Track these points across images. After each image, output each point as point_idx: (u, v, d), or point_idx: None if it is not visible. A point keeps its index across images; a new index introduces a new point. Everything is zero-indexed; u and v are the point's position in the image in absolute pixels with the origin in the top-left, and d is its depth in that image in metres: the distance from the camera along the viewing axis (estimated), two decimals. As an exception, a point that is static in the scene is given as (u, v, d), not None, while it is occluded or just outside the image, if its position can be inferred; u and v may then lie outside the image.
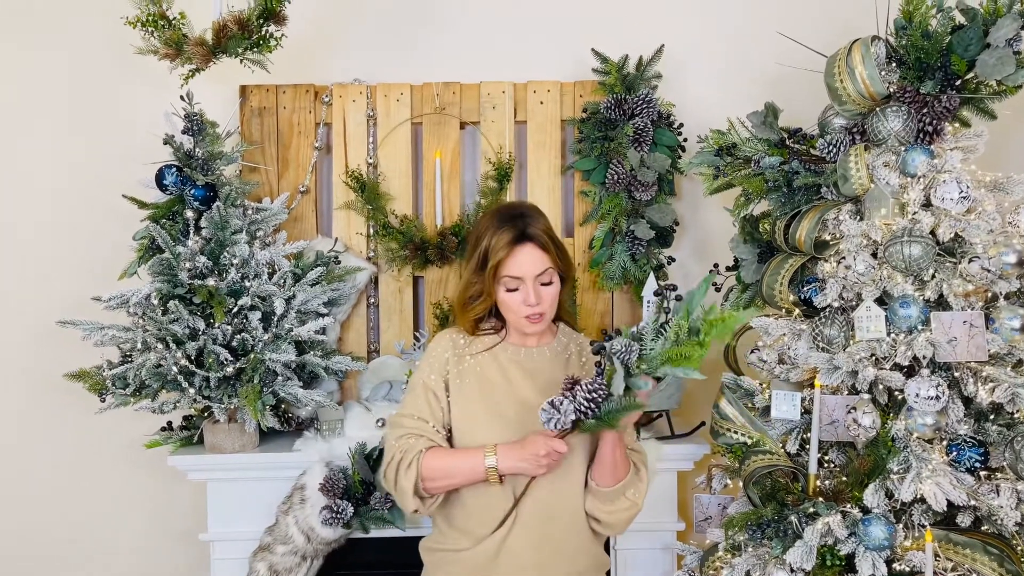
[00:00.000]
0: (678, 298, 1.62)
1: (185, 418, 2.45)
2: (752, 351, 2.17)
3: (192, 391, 2.21)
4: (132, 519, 2.76)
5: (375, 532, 2.31)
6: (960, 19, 1.99)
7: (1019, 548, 1.86)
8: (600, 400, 1.60)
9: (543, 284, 1.79)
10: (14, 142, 2.68)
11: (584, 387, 1.61)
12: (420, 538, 1.98)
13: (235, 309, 2.22)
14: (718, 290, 2.43)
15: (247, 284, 2.24)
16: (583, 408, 1.60)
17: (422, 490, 1.77)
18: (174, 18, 2.23)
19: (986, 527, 1.89)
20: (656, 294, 1.61)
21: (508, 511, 1.79)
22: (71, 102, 2.68)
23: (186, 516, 2.73)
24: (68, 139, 2.68)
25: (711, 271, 2.44)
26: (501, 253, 1.75)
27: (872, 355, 1.95)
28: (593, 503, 1.82)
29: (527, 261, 1.76)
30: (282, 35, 2.28)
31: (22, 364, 2.69)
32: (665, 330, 1.59)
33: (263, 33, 2.26)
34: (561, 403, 1.62)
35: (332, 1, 2.67)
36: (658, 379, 1.62)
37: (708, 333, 1.56)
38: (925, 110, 1.98)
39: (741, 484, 2.06)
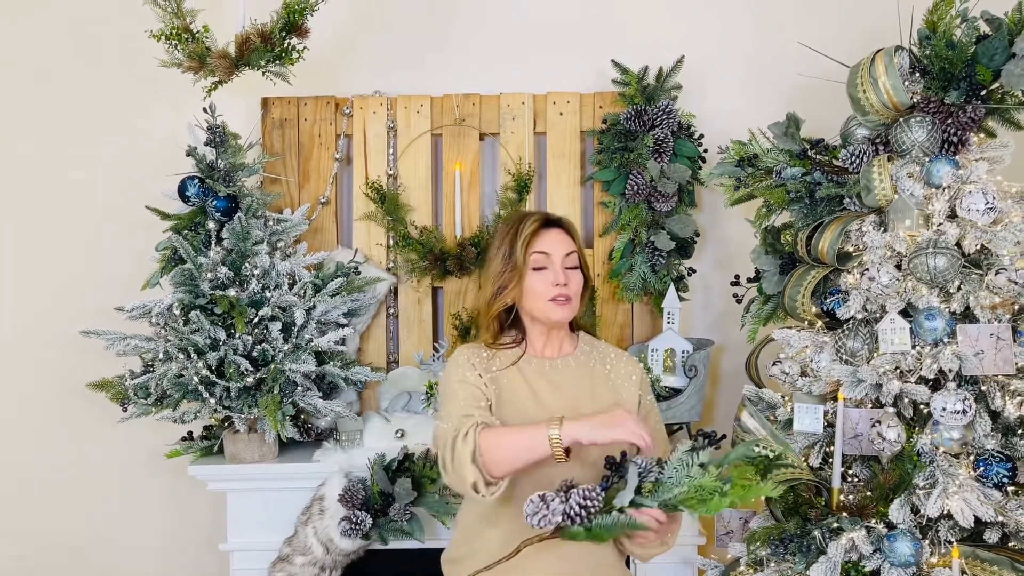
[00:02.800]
0: (715, 445, 1.57)
1: (205, 428, 2.46)
2: (774, 363, 2.15)
3: (213, 401, 2.22)
4: (152, 528, 2.77)
5: (394, 544, 2.30)
6: (985, 29, 1.97)
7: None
8: (593, 510, 1.50)
9: (569, 268, 1.82)
10: (37, 154, 2.72)
11: (580, 492, 1.52)
12: (439, 550, 1.97)
13: (256, 320, 2.23)
14: (739, 302, 2.41)
15: (268, 295, 2.25)
16: (573, 512, 1.50)
17: (482, 466, 1.65)
18: (198, 31, 2.25)
19: (1014, 543, 1.86)
20: (697, 435, 1.57)
21: (527, 525, 1.76)
22: (94, 114, 2.71)
23: (206, 526, 2.74)
24: (91, 151, 2.71)
25: (735, 284, 2.43)
26: (531, 228, 1.82)
27: (897, 368, 1.93)
28: (624, 539, 1.78)
29: (556, 240, 1.83)
30: (304, 48, 2.30)
31: (45, 373, 2.71)
32: (690, 466, 1.52)
33: (285, 46, 2.27)
34: (552, 500, 1.52)
35: (353, 14, 2.69)
36: (665, 508, 1.52)
37: (736, 492, 1.47)
38: (950, 120, 1.96)
39: (763, 498, 2.04)
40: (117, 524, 2.76)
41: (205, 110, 2.29)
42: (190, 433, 2.45)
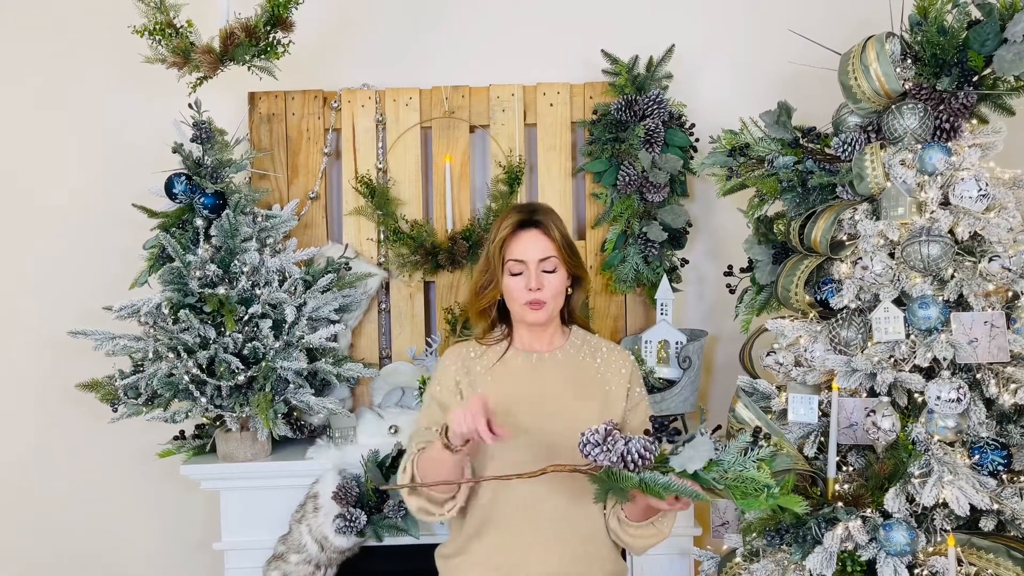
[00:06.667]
0: (766, 437, 1.56)
1: (197, 427, 2.44)
2: (768, 354, 2.14)
3: (204, 400, 2.20)
4: (145, 529, 2.75)
5: (389, 540, 2.29)
6: (976, 14, 1.96)
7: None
8: (646, 463, 1.48)
9: (546, 271, 1.79)
10: (23, 153, 2.68)
11: (639, 442, 1.50)
12: (434, 546, 1.96)
13: (246, 317, 2.21)
14: (732, 292, 2.40)
15: (257, 292, 2.23)
16: (630, 458, 1.48)
17: (428, 490, 1.74)
18: (181, 26, 2.22)
19: (1010, 531, 1.86)
20: (754, 433, 1.56)
21: (522, 518, 1.77)
22: (80, 112, 2.67)
23: (199, 525, 2.72)
24: (77, 149, 2.68)
25: (728, 275, 2.42)
26: (506, 232, 1.80)
27: (891, 357, 1.93)
28: (617, 527, 1.79)
29: (530, 246, 1.79)
30: (289, 41, 2.27)
31: (34, 374, 2.69)
32: (750, 455, 1.50)
33: (270, 40, 2.25)
34: (616, 441, 1.50)
35: (339, 6, 2.66)
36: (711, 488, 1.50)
37: (782, 498, 1.47)
38: (942, 107, 1.95)
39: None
40: (110, 525, 2.74)
41: (191, 106, 2.26)
42: (182, 432, 2.43)
